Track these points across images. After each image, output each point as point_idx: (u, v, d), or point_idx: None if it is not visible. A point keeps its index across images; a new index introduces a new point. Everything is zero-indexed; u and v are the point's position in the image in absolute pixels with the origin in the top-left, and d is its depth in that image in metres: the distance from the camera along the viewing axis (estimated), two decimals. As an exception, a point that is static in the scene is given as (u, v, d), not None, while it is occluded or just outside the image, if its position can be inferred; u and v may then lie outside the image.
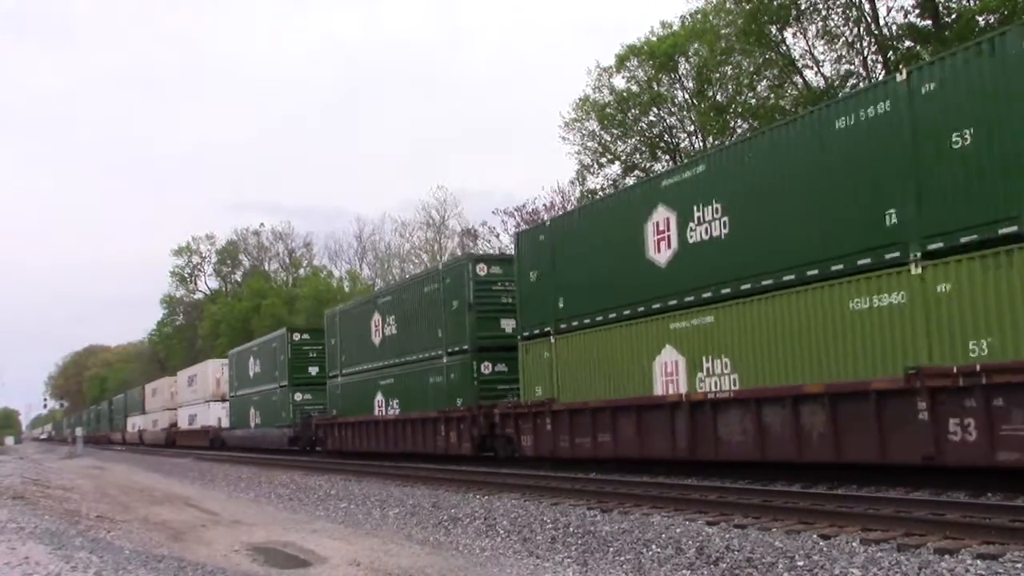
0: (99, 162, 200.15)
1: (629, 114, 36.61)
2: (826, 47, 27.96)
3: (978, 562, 6.69)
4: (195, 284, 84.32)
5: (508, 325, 19.22)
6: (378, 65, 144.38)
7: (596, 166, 38.37)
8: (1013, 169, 9.41)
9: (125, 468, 34.46)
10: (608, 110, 36.92)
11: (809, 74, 29.31)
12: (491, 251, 40.94)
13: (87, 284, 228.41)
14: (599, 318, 15.63)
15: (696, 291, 13.54)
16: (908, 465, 10.63)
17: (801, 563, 7.25)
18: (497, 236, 44.02)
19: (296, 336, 33.15)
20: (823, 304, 11.42)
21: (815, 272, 11.54)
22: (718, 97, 34.48)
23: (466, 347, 19.64)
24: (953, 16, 22.54)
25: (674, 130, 37.09)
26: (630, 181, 34.63)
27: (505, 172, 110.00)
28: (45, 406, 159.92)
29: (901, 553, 7.22)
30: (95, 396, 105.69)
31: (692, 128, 36.35)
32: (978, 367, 9.50)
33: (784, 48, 28.60)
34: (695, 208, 13.60)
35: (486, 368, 19.45)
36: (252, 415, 36.74)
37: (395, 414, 22.98)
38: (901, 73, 10.84)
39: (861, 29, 26.72)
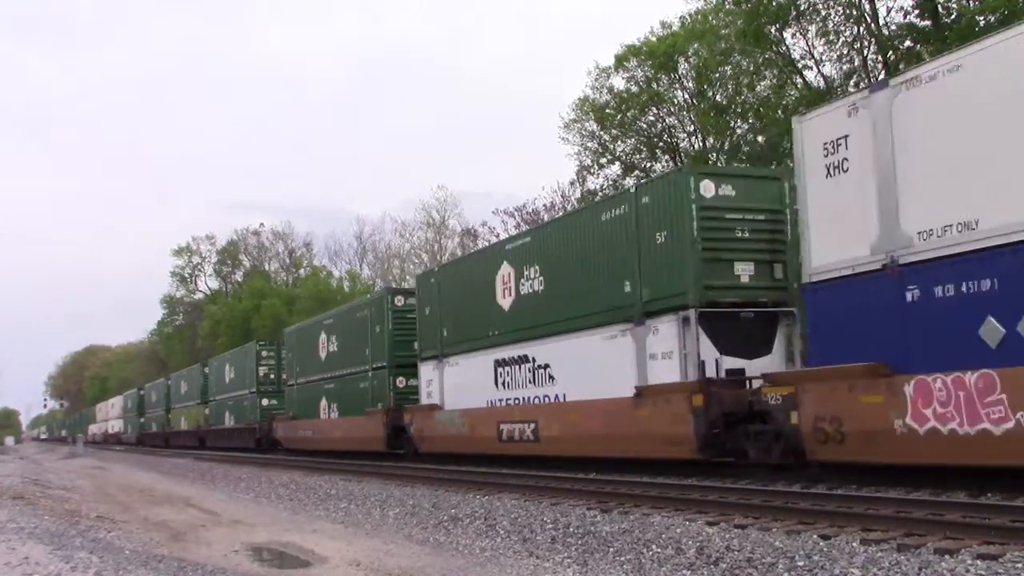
0: (99, 162, 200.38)
1: (628, 114, 36.55)
2: (826, 47, 27.94)
3: (978, 562, 6.68)
4: (195, 284, 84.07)
5: None
6: (379, 65, 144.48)
7: (596, 166, 38.39)
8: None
9: (125, 468, 34.49)
10: (608, 110, 36.88)
11: (809, 74, 29.32)
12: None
13: (87, 284, 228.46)
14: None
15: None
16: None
17: (801, 563, 7.25)
18: (497, 236, 43.96)
19: (142, 393, 63.66)
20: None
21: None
22: (718, 97, 34.48)
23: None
24: (953, 16, 22.52)
25: (674, 130, 37.07)
26: (630, 181, 34.64)
27: (505, 172, 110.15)
28: (45, 406, 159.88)
29: (901, 553, 7.21)
30: (95, 396, 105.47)
31: (692, 128, 36.35)
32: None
33: (784, 48, 28.58)
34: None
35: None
36: (127, 427, 66.71)
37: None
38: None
39: (861, 29, 26.70)
